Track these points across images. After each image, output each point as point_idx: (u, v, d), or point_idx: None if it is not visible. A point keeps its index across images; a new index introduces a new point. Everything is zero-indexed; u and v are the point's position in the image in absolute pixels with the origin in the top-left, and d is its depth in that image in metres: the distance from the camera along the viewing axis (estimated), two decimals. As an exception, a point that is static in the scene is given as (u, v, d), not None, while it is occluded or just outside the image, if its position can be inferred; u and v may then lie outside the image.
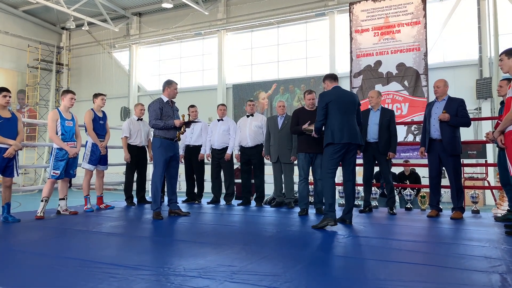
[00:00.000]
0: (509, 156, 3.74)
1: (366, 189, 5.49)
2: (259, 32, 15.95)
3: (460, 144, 4.85)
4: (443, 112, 4.79)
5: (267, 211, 5.52)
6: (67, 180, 5.18)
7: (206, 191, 6.82)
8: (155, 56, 18.15)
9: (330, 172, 4.23)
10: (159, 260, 2.86)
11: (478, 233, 3.94)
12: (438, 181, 5.01)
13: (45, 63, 18.99)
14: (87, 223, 4.58)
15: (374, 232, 4.12)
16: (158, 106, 4.88)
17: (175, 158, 5.03)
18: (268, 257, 2.93)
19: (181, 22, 16.88)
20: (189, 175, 6.64)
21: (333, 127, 4.23)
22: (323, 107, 4.34)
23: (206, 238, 3.72)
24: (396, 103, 12.03)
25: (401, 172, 7.73)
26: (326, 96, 4.38)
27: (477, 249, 3.18)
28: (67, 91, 5.20)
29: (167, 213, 5.08)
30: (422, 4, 12.00)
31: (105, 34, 18.55)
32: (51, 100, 19.07)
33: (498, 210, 5.27)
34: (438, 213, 5.03)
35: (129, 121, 6.35)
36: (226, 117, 6.54)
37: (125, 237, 3.87)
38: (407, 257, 3.00)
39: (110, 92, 16.33)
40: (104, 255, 3.02)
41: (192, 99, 14.59)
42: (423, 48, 11.91)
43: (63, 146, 4.92)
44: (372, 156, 5.36)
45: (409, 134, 12.01)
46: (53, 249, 3.31)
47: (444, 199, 5.38)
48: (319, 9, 14.34)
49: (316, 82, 14.44)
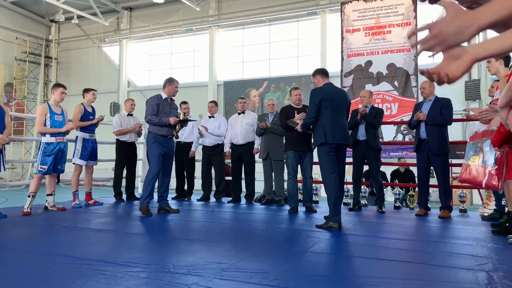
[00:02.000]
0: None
1: (356, 187, 5.54)
2: (250, 30, 15.91)
3: (448, 144, 4.93)
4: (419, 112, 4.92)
5: (257, 209, 5.52)
6: (55, 175, 5.12)
7: (197, 188, 6.80)
8: (146, 51, 17.99)
9: (331, 171, 4.07)
10: (148, 257, 2.85)
11: (465, 231, 4.00)
12: (427, 180, 5.08)
13: (33, 56, 18.70)
14: (75, 219, 4.54)
15: (363, 230, 4.15)
16: (155, 102, 4.87)
17: (168, 155, 5.01)
18: (257, 254, 2.93)
19: (172, 18, 16.76)
20: (179, 172, 6.62)
21: (325, 127, 4.14)
22: (316, 103, 4.21)
23: (195, 235, 3.71)
24: (386, 103, 12.11)
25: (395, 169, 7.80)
26: (319, 93, 4.25)
27: (464, 248, 3.22)
28: (58, 85, 5.12)
29: (156, 210, 5.05)
30: (413, 6, 12.08)
31: (95, 28, 18.32)
32: (39, 94, 18.79)
33: (485, 210, 5.35)
34: (426, 212, 5.09)
35: (118, 116, 6.31)
36: (217, 114, 6.52)
37: (114, 234, 3.84)
38: (396, 255, 3.03)
39: (99, 87, 16.14)
40: (93, 252, 2.99)
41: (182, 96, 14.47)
42: (413, 49, 12.00)
43: (54, 131, 4.86)
44: (361, 155, 5.41)
45: (399, 134, 12.11)
46: (40, 245, 3.27)
47: (432, 198, 5.44)
48: (310, 8, 14.36)
49: (307, 81, 14.46)
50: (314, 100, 4.24)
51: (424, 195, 5.10)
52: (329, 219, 4.00)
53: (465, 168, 3.44)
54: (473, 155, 3.45)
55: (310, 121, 4.37)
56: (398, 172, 7.66)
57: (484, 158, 3.09)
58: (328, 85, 4.33)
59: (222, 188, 6.41)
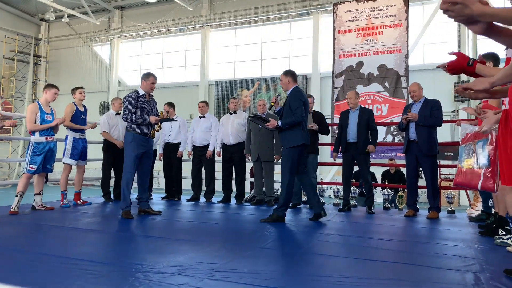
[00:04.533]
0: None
1: (345, 188, 5.56)
2: (243, 30, 15.91)
3: (437, 145, 4.97)
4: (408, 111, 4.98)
5: (247, 209, 5.52)
6: (44, 175, 5.07)
7: (186, 188, 6.78)
8: (137, 51, 17.89)
9: (295, 170, 4.41)
10: (138, 256, 2.83)
11: (453, 232, 4.04)
12: (415, 181, 5.12)
13: (22, 55, 18.48)
14: (64, 219, 4.50)
15: (352, 230, 4.17)
16: (133, 99, 4.64)
17: (147, 155, 4.78)
18: (248, 254, 2.93)
19: (164, 17, 16.69)
20: (168, 173, 6.59)
21: (304, 128, 4.40)
22: (303, 104, 4.36)
23: (185, 235, 3.69)
24: (376, 104, 12.19)
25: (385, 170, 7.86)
26: (303, 95, 4.45)
27: (452, 248, 3.26)
28: (52, 86, 5.08)
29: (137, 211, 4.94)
30: (405, 7, 12.18)
31: (85, 27, 18.17)
32: (28, 93, 18.58)
33: (472, 211, 5.41)
34: (415, 212, 5.14)
35: (106, 115, 6.26)
36: (208, 114, 6.50)
37: (102, 234, 3.82)
38: (384, 255, 3.05)
39: (89, 86, 16.01)
40: (81, 252, 2.96)
41: (173, 95, 14.49)
42: (404, 50, 12.10)
43: (44, 126, 4.81)
44: (351, 156, 5.44)
45: (388, 135, 12.19)
46: (28, 245, 3.23)
47: (421, 199, 5.49)
48: (303, 9, 14.41)
49: (299, 81, 14.46)
50: (301, 101, 4.36)
51: (413, 196, 5.15)
52: (320, 210, 4.43)
53: (459, 171, 3.47)
54: (466, 158, 3.48)
55: (300, 119, 4.35)
56: (388, 172, 7.72)
57: (478, 160, 3.12)
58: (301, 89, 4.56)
59: (212, 188, 6.39)
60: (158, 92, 5.10)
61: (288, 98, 4.47)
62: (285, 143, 4.42)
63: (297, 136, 4.33)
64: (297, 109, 4.32)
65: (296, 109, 4.32)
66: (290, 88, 4.48)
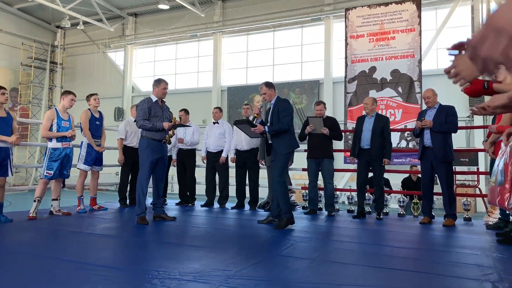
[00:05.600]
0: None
1: (360, 195, 5.53)
2: (255, 35, 15.96)
3: (452, 152, 4.91)
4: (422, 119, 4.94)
5: (261, 215, 5.52)
6: (61, 180, 5.15)
7: (200, 194, 6.82)
8: (150, 57, 18.08)
9: (285, 174, 4.69)
10: (154, 263, 2.86)
11: (470, 240, 3.99)
12: (431, 188, 5.06)
13: (38, 62, 18.82)
14: (80, 224, 4.56)
15: (368, 238, 4.15)
16: (146, 106, 4.70)
17: (162, 160, 4.82)
18: (263, 261, 2.93)
19: (177, 24, 16.85)
20: (182, 178, 6.63)
21: (293, 135, 4.61)
22: (291, 113, 4.61)
23: (200, 242, 3.72)
24: (390, 109, 12.11)
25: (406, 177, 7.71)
26: (290, 104, 4.73)
27: (469, 257, 3.22)
28: (69, 92, 5.18)
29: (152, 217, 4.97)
30: (417, 12, 12.10)
31: (100, 34, 18.44)
32: (44, 99, 18.91)
33: (489, 218, 5.33)
34: (431, 220, 5.08)
35: (125, 122, 6.35)
36: (221, 120, 6.54)
37: (118, 239, 3.86)
38: (400, 264, 3.02)
39: (104, 92, 16.23)
40: (98, 257, 3.01)
41: (186, 101, 14.59)
42: (417, 55, 12.01)
43: (57, 135, 4.90)
44: (366, 162, 5.41)
45: (402, 140, 12.09)
46: (46, 250, 3.29)
47: (436, 206, 5.43)
48: (315, 14, 14.40)
49: (311, 86, 14.50)
50: (290, 110, 4.61)
51: (428, 203, 5.09)
52: (283, 216, 4.46)
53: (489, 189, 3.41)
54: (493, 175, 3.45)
55: (286, 128, 4.54)
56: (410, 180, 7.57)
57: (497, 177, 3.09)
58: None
59: (226, 194, 6.42)
60: (171, 98, 5.16)
61: (276, 106, 4.64)
62: (281, 148, 4.57)
63: (292, 141, 4.59)
64: (284, 118, 4.53)
65: (284, 118, 4.53)
66: (274, 98, 4.72)
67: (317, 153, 5.68)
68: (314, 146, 5.71)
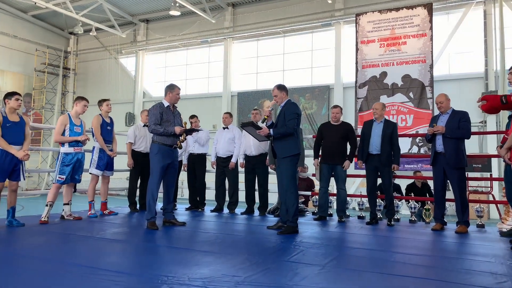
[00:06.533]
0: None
1: (371, 201, 5.49)
2: (265, 41, 16.01)
3: (465, 157, 4.83)
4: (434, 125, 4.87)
5: (270, 221, 5.49)
6: (72, 185, 5.19)
7: (210, 199, 6.82)
8: (161, 63, 18.25)
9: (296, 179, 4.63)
10: (163, 268, 2.86)
11: (483, 248, 3.92)
12: (443, 195, 4.99)
13: (52, 67, 19.12)
14: (91, 229, 4.59)
15: (379, 244, 4.10)
16: (158, 111, 4.71)
17: (173, 165, 4.83)
18: (272, 267, 2.92)
19: (188, 30, 16.99)
20: (192, 183, 6.64)
21: (298, 139, 4.57)
22: (297, 117, 4.54)
23: (210, 247, 3.71)
24: (401, 115, 12.02)
25: (411, 183, 7.61)
26: (298, 108, 4.65)
27: (482, 265, 3.16)
28: (82, 98, 5.25)
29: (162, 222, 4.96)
30: (429, 17, 12.03)
31: (112, 40, 18.68)
32: (57, 104, 19.18)
33: (503, 225, 5.23)
34: (443, 226, 5.00)
35: (134, 127, 6.39)
36: (231, 125, 6.55)
37: (129, 244, 3.87)
38: (412, 271, 2.98)
39: (115, 97, 16.40)
40: (108, 262, 3.02)
41: (197, 106, 14.68)
42: (429, 60, 11.92)
43: (70, 139, 4.95)
44: (375, 168, 5.36)
45: (414, 146, 11.98)
46: (58, 254, 3.31)
47: (448, 212, 5.35)
48: (325, 20, 14.40)
49: (321, 91, 14.47)
50: (296, 113, 4.54)
51: (440, 210, 5.01)
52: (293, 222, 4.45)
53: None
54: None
55: (291, 131, 4.49)
56: (414, 186, 7.47)
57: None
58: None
59: (236, 199, 6.41)
60: (182, 103, 5.17)
61: (283, 110, 4.61)
62: (284, 152, 4.52)
63: (296, 145, 4.53)
64: (290, 121, 4.48)
65: (289, 121, 4.48)
66: (284, 101, 4.67)
67: (331, 158, 5.59)
68: (328, 151, 5.62)
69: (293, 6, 15.10)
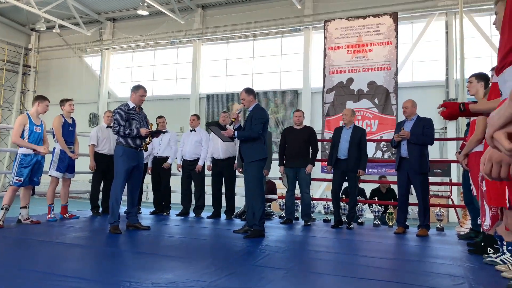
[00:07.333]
0: (472, 177, 3.88)
1: (335, 204, 5.57)
2: (234, 44, 16.00)
3: (428, 163, 4.99)
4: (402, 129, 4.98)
5: (237, 225, 5.48)
6: (30, 187, 4.98)
7: (176, 203, 6.71)
8: (128, 63, 17.86)
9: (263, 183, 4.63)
10: (126, 273, 2.78)
11: (442, 250, 4.05)
12: (406, 199, 5.13)
13: (11, 65, 18.33)
14: (50, 233, 4.41)
15: (343, 248, 4.16)
16: (123, 112, 4.59)
17: (138, 168, 4.71)
18: (238, 272, 2.89)
19: (156, 30, 16.73)
20: (157, 186, 6.52)
21: (265, 144, 4.59)
22: (264, 122, 4.55)
23: (174, 252, 3.64)
24: (366, 120, 12.30)
25: (375, 188, 7.75)
26: (266, 113, 4.65)
27: (441, 267, 3.26)
28: (44, 98, 5.05)
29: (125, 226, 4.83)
30: (394, 25, 12.40)
31: (76, 38, 18.12)
32: (16, 103, 18.38)
33: (461, 228, 5.44)
34: (405, 230, 5.14)
35: (97, 128, 6.21)
36: (198, 128, 6.48)
37: (89, 249, 3.74)
38: (375, 274, 3.03)
39: (79, 98, 15.92)
40: (68, 268, 2.90)
41: (164, 108, 14.45)
42: (394, 67, 12.28)
43: (30, 146, 4.74)
44: (341, 172, 5.46)
45: (378, 151, 12.28)
46: (13, 260, 3.15)
47: (410, 216, 5.51)
48: (294, 25, 14.57)
49: (290, 96, 14.60)
50: (263, 118, 4.55)
51: (403, 213, 5.15)
52: (259, 226, 4.46)
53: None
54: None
55: (256, 136, 4.51)
56: (379, 192, 7.62)
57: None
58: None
59: (202, 203, 6.34)
60: (148, 104, 5.08)
61: (250, 114, 4.63)
62: (250, 156, 4.53)
63: (262, 149, 4.55)
64: (255, 125, 4.50)
65: (255, 125, 4.50)
66: (252, 105, 4.68)
67: (294, 162, 5.66)
68: (291, 155, 5.69)
69: (263, 10, 15.18)
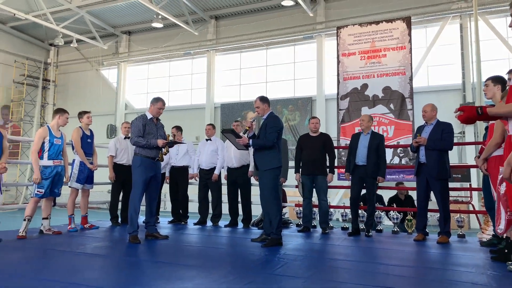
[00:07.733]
0: (493, 182, 3.80)
1: (353, 211, 5.51)
2: (248, 53, 16.11)
3: (448, 169, 4.88)
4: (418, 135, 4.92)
5: (254, 233, 5.47)
6: (51, 199, 5.08)
7: (193, 212, 6.75)
8: (144, 74, 18.13)
9: (278, 190, 4.61)
10: (146, 283, 2.80)
11: (464, 258, 3.97)
12: (426, 205, 5.04)
13: (31, 79, 18.79)
14: (71, 243, 4.48)
15: (362, 256, 4.12)
16: (141, 123, 4.68)
17: (155, 178, 4.77)
18: (256, 281, 2.89)
19: (171, 42, 16.97)
20: (175, 196, 6.57)
21: (279, 152, 4.59)
22: (278, 130, 4.55)
23: (193, 261, 3.66)
24: (382, 126, 12.19)
25: (393, 196, 7.62)
26: (280, 122, 4.65)
27: (464, 275, 3.20)
28: (64, 111, 5.18)
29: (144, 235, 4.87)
30: (408, 30, 12.32)
31: (93, 52, 18.50)
32: (36, 116, 18.80)
33: (483, 235, 5.31)
34: (425, 237, 5.05)
35: (115, 139, 6.31)
36: (214, 137, 6.52)
37: (109, 259, 3.79)
38: (394, 282, 2.99)
39: (96, 110, 16.19)
40: (88, 278, 2.94)
41: (179, 118, 14.60)
42: (408, 72, 12.17)
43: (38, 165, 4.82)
44: (360, 179, 5.41)
45: (395, 157, 12.14)
46: (35, 270, 3.21)
47: (430, 222, 5.41)
48: (307, 32, 14.59)
49: (304, 103, 14.59)
50: (278, 127, 4.57)
51: (422, 220, 5.05)
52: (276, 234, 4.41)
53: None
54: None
55: (270, 144, 4.51)
56: (397, 198, 7.48)
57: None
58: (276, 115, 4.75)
59: (219, 212, 6.35)
60: (164, 114, 5.13)
61: (265, 123, 4.64)
62: (264, 164, 4.54)
63: (277, 157, 4.55)
64: (270, 134, 4.51)
65: (269, 134, 4.51)
66: (266, 113, 4.70)
67: (310, 169, 5.63)
68: (307, 162, 5.67)
69: (275, 19, 15.27)
